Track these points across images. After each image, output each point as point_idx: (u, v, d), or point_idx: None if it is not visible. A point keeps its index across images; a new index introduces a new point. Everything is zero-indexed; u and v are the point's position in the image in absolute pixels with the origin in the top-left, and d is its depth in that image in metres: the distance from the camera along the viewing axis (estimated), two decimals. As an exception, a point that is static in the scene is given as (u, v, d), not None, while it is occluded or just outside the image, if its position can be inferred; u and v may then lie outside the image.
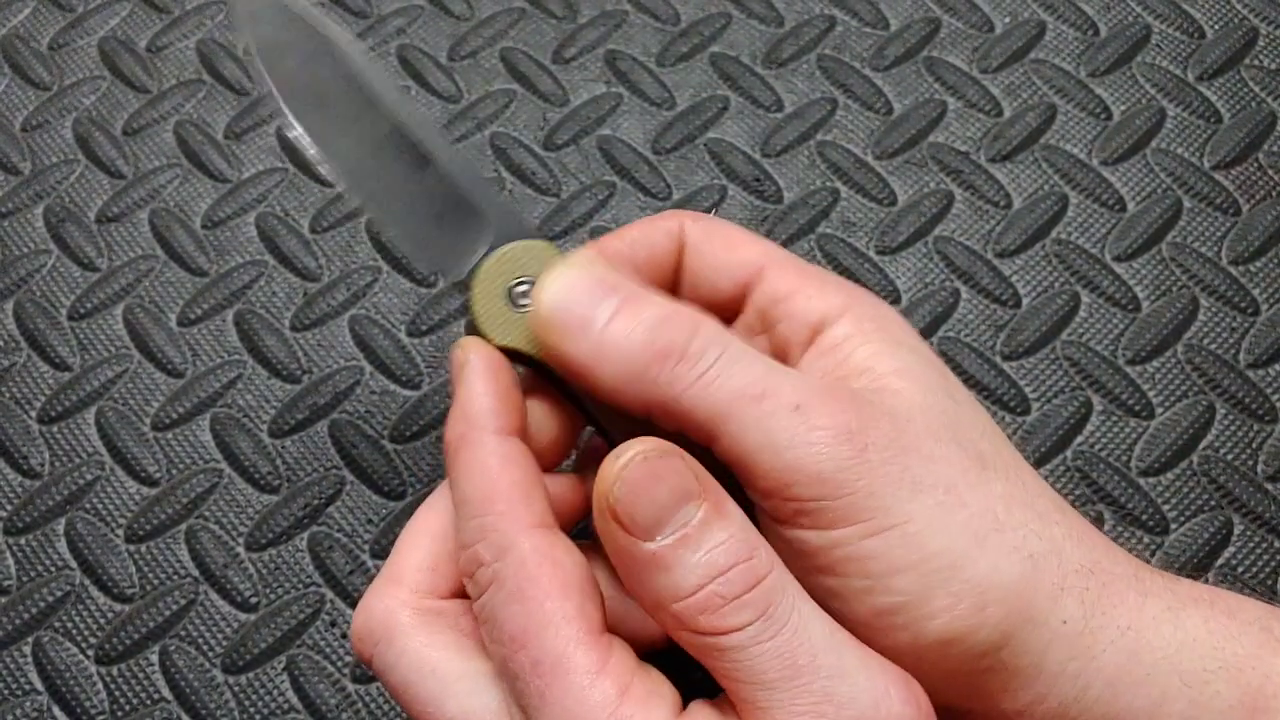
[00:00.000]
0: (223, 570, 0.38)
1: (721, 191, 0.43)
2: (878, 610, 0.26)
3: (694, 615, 0.24)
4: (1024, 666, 0.26)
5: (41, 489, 0.39)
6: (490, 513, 0.26)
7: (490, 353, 0.29)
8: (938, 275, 0.41)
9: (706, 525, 0.24)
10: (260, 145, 0.45)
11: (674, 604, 0.24)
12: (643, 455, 0.24)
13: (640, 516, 0.24)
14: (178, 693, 0.36)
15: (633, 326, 0.26)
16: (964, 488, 0.26)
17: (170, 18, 0.48)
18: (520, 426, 0.28)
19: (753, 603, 0.24)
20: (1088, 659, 0.26)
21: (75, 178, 0.44)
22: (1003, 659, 0.26)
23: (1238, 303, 0.40)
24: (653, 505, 0.24)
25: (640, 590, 0.25)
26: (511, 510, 0.26)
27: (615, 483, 0.24)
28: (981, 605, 0.25)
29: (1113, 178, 0.42)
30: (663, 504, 0.24)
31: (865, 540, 0.25)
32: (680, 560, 0.24)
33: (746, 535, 0.25)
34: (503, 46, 0.46)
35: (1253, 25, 0.45)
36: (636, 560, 0.25)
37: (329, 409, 0.40)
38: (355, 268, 0.42)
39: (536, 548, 0.26)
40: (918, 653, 0.26)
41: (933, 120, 0.44)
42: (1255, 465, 0.38)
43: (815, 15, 0.46)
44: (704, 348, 0.26)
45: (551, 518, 0.27)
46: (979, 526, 0.26)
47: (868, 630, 0.26)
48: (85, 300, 0.42)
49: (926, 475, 0.26)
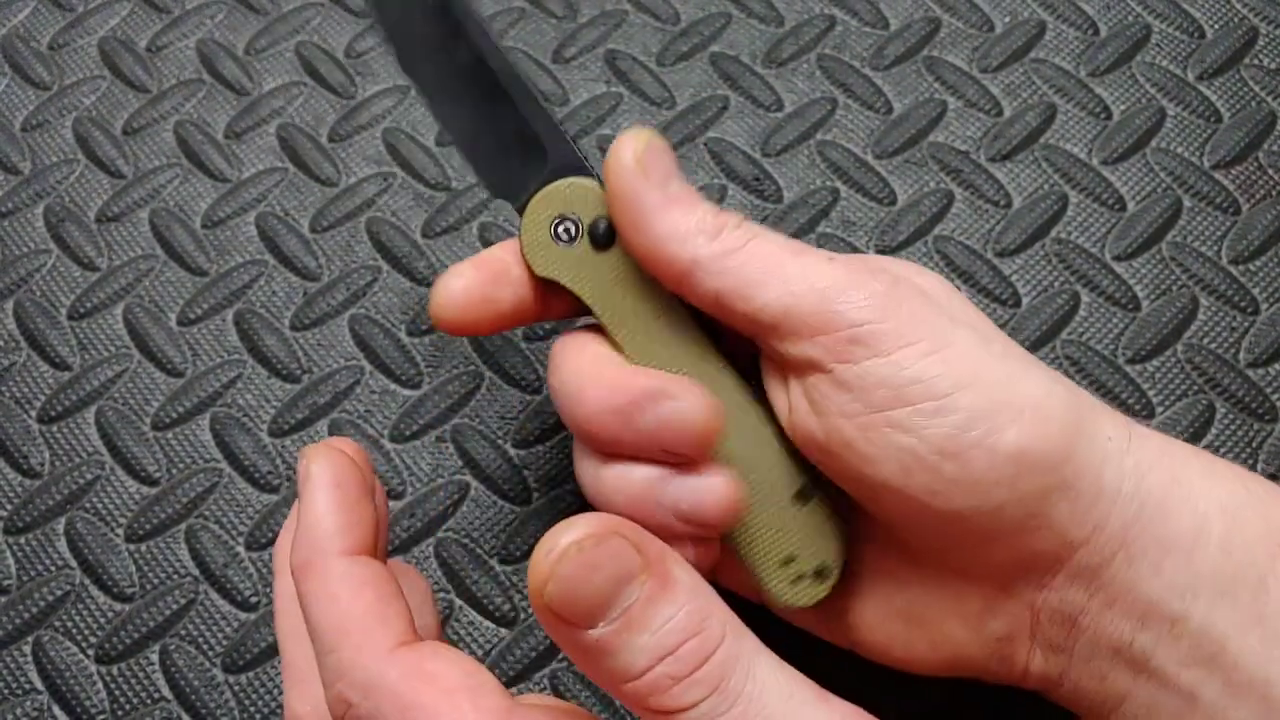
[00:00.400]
0: (223, 570, 0.38)
1: (721, 191, 0.43)
2: (951, 431, 0.26)
3: (644, 697, 0.23)
4: (1086, 486, 0.27)
5: (41, 488, 0.39)
6: (345, 646, 0.25)
7: (333, 461, 0.28)
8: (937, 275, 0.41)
9: (651, 604, 0.24)
10: (260, 145, 0.45)
11: (623, 685, 0.24)
12: (577, 547, 0.23)
13: (578, 610, 0.23)
14: (178, 692, 0.36)
15: (689, 209, 0.29)
16: (989, 329, 0.29)
17: (170, 17, 0.48)
18: (369, 539, 0.27)
19: (704, 679, 0.23)
20: (1137, 478, 0.27)
21: (75, 177, 0.44)
22: (1066, 477, 0.27)
23: (1237, 302, 0.40)
24: (590, 597, 0.23)
25: (587, 671, 0.24)
26: (368, 640, 0.25)
27: (549, 582, 0.23)
28: (1043, 417, 0.27)
29: (1112, 177, 0.42)
30: (601, 593, 0.23)
31: (925, 359, 0.27)
32: (626, 644, 0.23)
33: (697, 604, 0.24)
34: (503, 46, 0.46)
35: (1253, 25, 0.45)
36: (578, 646, 0.24)
37: (329, 408, 0.40)
38: (355, 267, 0.42)
39: (404, 672, 0.24)
40: (995, 474, 0.26)
41: (933, 120, 0.44)
42: (1255, 465, 0.38)
43: (815, 15, 0.46)
44: (740, 223, 0.29)
45: (413, 630, 0.26)
46: (1015, 354, 0.28)
47: (944, 460, 0.26)
48: (85, 300, 0.42)
49: (958, 313, 0.28)
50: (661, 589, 0.24)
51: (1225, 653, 0.26)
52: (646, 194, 0.29)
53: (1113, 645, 0.27)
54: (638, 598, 0.24)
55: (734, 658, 0.24)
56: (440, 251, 0.42)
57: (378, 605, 0.25)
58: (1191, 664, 0.26)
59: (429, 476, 0.39)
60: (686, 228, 0.28)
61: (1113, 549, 0.27)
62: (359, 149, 0.44)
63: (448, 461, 0.39)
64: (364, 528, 0.27)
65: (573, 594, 0.23)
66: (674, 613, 0.24)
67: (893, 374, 0.27)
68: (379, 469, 0.39)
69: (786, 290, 0.27)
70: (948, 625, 0.29)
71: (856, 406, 0.27)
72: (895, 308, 0.27)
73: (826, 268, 0.28)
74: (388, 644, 0.25)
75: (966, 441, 0.26)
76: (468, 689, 0.24)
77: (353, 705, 0.24)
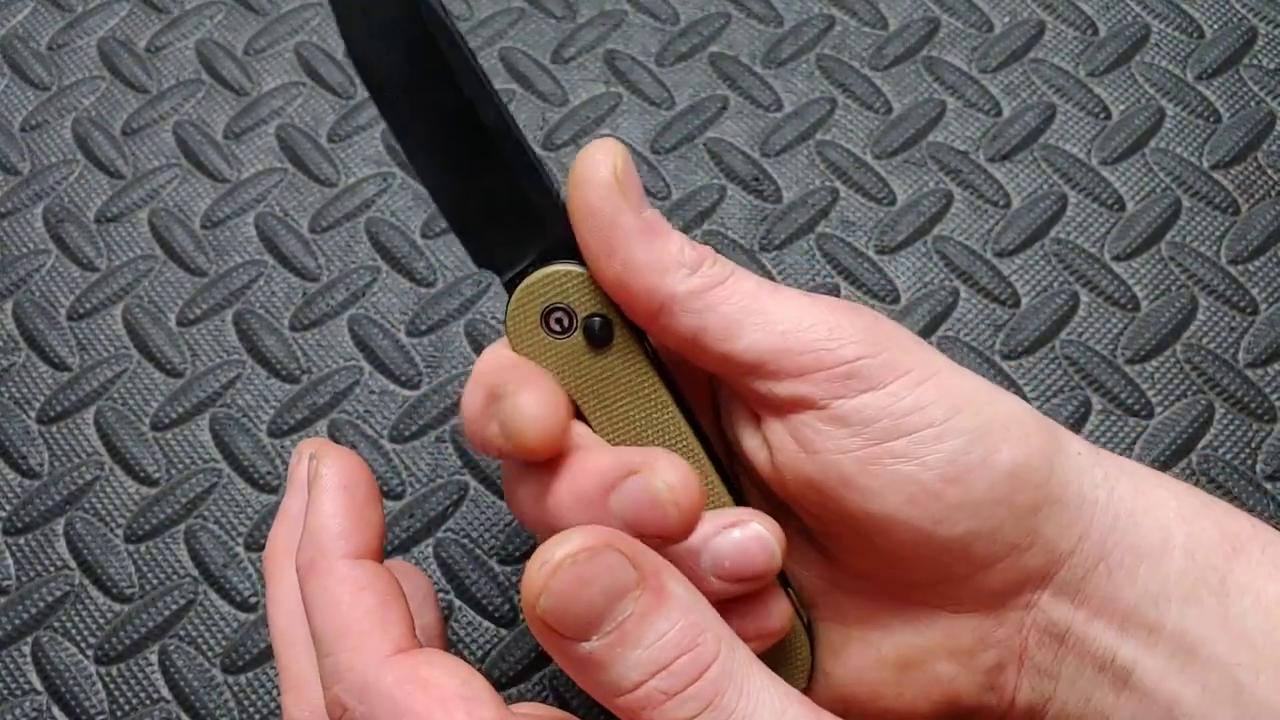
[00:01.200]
0: (222, 570, 0.38)
1: (721, 191, 0.43)
2: (952, 455, 0.26)
3: (636, 711, 0.23)
4: (1070, 498, 0.27)
5: (41, 489, 0.39)
6: (344, 649, 0.25)
7: (344, 463, 0.28)
8: (937, 275, 0.41)
9: (645, 619, 0.23)
10: (259, 145, 0.45)
11: (616, 698, 0.24)
12: (571, 560, 0.23)
13: (571, 624, 0.23)
14: (177, 692, 0.36)
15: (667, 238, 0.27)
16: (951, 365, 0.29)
17: (170, 18, 0.48)
18: (374, 542, 0.27)
19: (697, 695, 0.23)
20: (1109, 489, 0.28)
21: (74, 178, 0.44)
22: (1053, 490, 0.27)
23: (1237, 302, 0.40)
24: (584, 611, 0.23)
25: (580, 683, 0.24)
26: (366, 643, 0.25)
27: (541, 595, 0.23)
28: (1027, 433, 0.27)
29: (1112, 177, 0.42)
30: (595, 607, 0.23)
31: (920, 388, 0.27)
32: (619, 658, 0.23)
33: (691, 620, 0.24)
34: (502, 46, 0.46)
35: (1252, 25, 0.45)
36: (571, 659, 0.24)
37: (328, 409, 0.40)
38: (355, 268, 0.42)
39: (400, 678, 0.24)
40: (995, 494, 0.26)
41: (932, 120, 0.44)
42: (1254, 464, 0.38)
43: (814, 15, 0.46)
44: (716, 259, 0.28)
45: (412, 636, 0.26)
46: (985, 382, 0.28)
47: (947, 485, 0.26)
48: (84, 300, 0.42)
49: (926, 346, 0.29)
50: (656, 604, 0.24)
51: (1198, 658, 0.26)
52: (625, 217, 0.27)
53: (1097, 661, 0.27)
54: (631, 612, 0.23)
55: (727, 674, 0.24)
56: (440, 252, 0.42)
57: (378, 610, 0.25)
58: (1170, 673, 0.27)
59: (428, 476, 0.39)
60: (667, 259, 0.27)
61: (1095, 559, 0.27)
62: (358, 149, 0.44)
63: (447, 461, 0.39)
64: (370, 532, 0.27)
65: (566, 607, 0.23)
66: (668, 628, 0.24)
67: (890, 405, 0.27)
68: (378, 469, 0.39)
69: (773, 330, 0.27)
70: (940, 664, 0.29)
71: (855, 441, 0.27)
72: (885, 340, 0.27)
73: (809, 305, 0.27)
74: (385, 649, 0.25)
75: (967, 464, 0.26)
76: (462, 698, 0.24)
77: (348, 709, 0.24)
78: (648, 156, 0.43)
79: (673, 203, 0.43)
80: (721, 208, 0.42)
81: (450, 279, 0.42)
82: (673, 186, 0.43)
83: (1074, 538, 0.27)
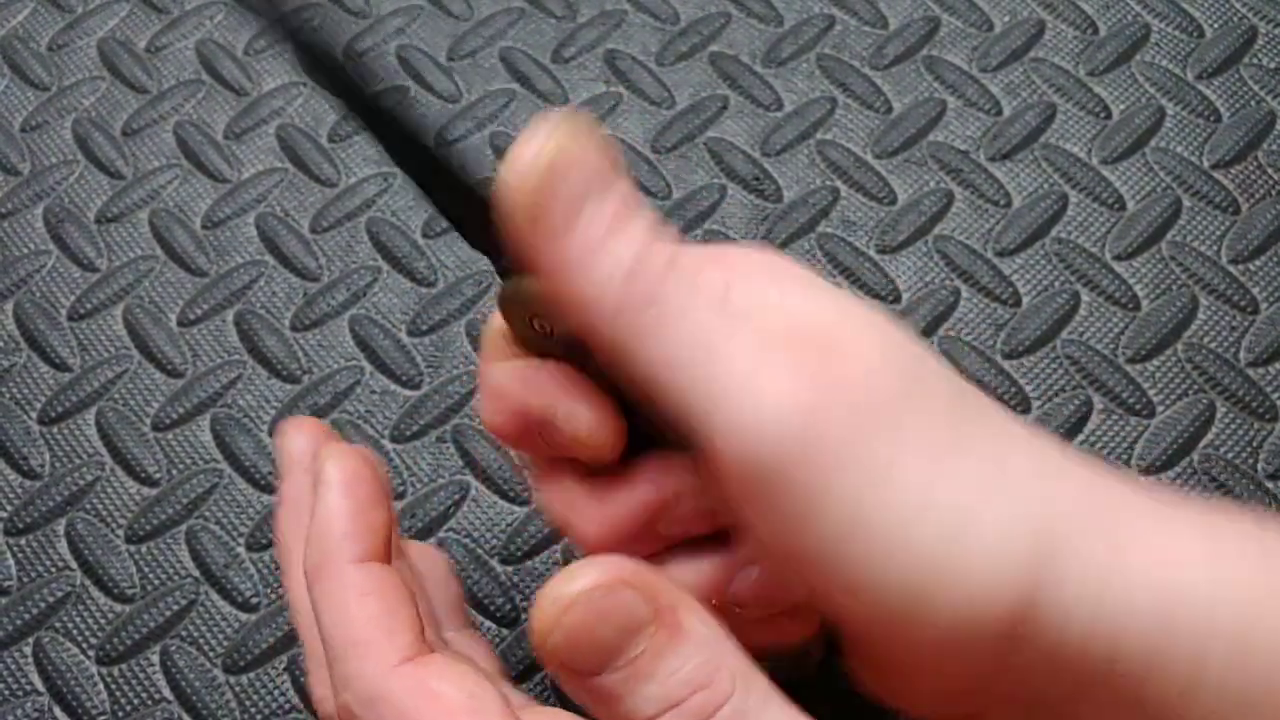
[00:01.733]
0: (223, 570, 0.38)
1: (721, 191, 0.43)
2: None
3: None
4: None
5: (42, 489, 0.39)
6: (351, 657, 0.25)
7: (346, 463, 0.27)
8: (938, 274, 0.41)
9: (659, 655, 0.23)
10: (260, 145, 0.45)
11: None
12: (586, 597, 0.23)
13: (583, 661, 0.23)
14: (179, 693, 0.36)
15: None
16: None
17: (170, 18, 0.48)
18: (382, 546, 0.27)
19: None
20: None
21: (75, 178, 0.44)
22: None
23: (1237, 301, 0.40)
24: (596, 648, 0.23)
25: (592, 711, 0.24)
26: (373, 650, 0.25)
27: (553, 632, 0.23)
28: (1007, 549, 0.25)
29: (1112, 176, 0.42)
30: (608, 645, 0.23)
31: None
32: (631, 692, 0.23)
33: (706, 656, 0.23)
34: (502, 46, 0.46)
35: (1252, 24, 0.45)
36: (582, 689, 0.23)
37: (329, 409, 0.40)
38: (355, 268, 0.42)
39: (408, 689, 0.24)
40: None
41: (932, 119, 0.44)
42: (1255, 464, 0.38)
43: (815, 14, 0.46)
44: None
45: (422, 642, 0.25)
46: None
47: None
48: (85, 301, 0.42)
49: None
50: (670, 640, 0.23)
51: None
52: (544, 226, 0.23)
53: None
54: (645, 650, 0.23)
55: (741, 713, 0.23)
56: (440, 252, 0.42)
57: (384, 617, 0.25)
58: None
59: (429, 477, 0.39)
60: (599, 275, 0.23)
61: None
62: (359, 149, 0.44)
63: (448, 462, 0.39)
64: (375, 533, 0.27)
65: (578, 645, 0.23)
66: (682, 665, 0.23)
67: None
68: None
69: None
70: None
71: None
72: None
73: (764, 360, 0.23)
74: (393, 658, 0.25)
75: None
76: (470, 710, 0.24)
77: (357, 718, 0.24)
78: (648, 156, 0.43)
79: (673, 202, 0.43)
80: (722, 207, 0.42)
81: (451, 279, 0.42)
82: (673, 186, 0.43)
83: None
